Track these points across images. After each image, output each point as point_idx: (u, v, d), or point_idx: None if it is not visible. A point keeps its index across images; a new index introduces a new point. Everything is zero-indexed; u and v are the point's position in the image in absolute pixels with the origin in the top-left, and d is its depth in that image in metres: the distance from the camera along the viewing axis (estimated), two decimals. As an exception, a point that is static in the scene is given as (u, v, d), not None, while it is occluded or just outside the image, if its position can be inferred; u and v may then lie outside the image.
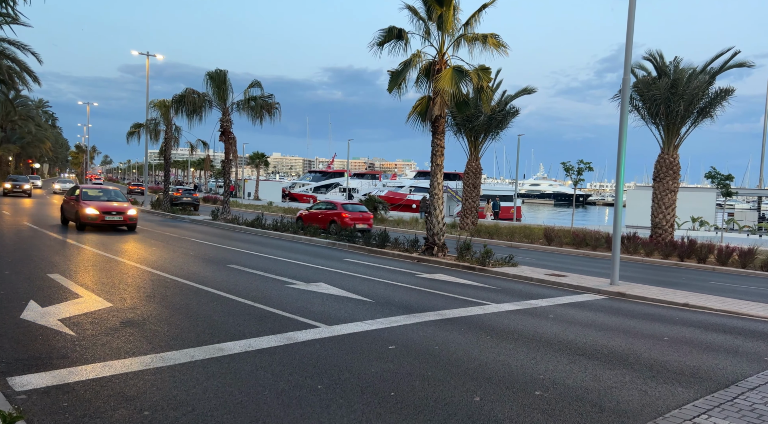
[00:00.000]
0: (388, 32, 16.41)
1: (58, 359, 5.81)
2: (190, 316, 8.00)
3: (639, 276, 14.75)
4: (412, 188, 60.22)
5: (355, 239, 19.26)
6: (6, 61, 39.15)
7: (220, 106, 27.74)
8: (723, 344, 7.74)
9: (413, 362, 6.24)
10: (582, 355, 6.84)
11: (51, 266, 11.88)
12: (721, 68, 20.48)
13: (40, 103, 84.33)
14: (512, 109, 28.06)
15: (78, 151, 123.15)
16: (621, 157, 12.43)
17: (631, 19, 12.21)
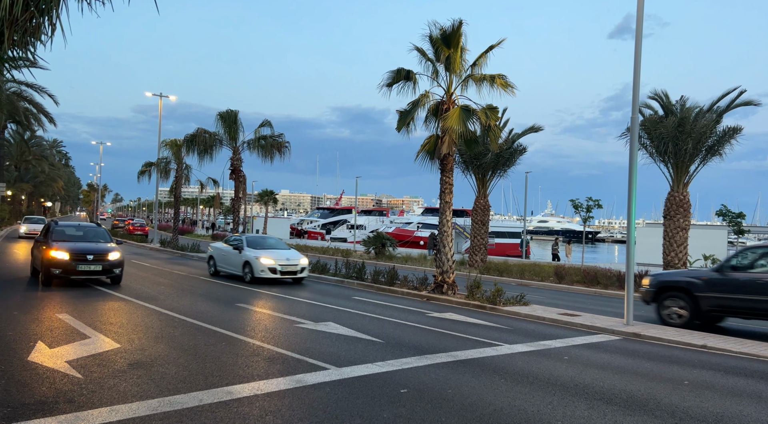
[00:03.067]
0: (396, 73, 16.71)
1: (65, 404, 5.70)
2: (198, 357, 7.88)
3: (653, 316, 14.45)
4: (420, 225, 60.18)
5: (363, 276, 19.14)
6: (23, 103, 40.17)
7: (231, 145, 28.13)
8: (745, 388, 7.49)
9: (426, 407, 6.07)
10: (600, 400, 6.63)
11: (60, 305, 11.83)
12: (728, 107, 20.59)
13: (54, 143, 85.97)
14: (519, 147, 28.23)
15: (89, 190, 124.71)
16: (632, 196, 12.38)
17: (638, 58, 12.37)
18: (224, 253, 19.39)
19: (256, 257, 17.57)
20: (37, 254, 15.54)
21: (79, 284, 15.25)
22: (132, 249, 33.59)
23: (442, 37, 15.89)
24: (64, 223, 17.01)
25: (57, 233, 15.81)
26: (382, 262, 28.11)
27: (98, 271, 14.67)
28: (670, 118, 20.74)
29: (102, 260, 14.80)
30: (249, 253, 17.96)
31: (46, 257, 14.30)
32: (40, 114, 42.35)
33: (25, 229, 39.73)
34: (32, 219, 42.83)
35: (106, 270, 14.86)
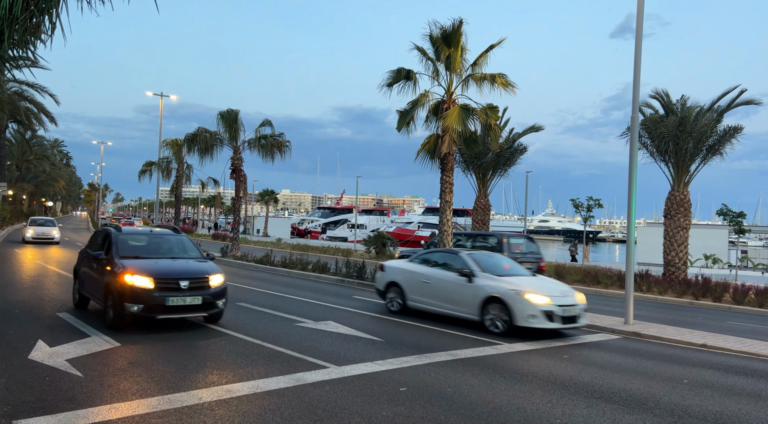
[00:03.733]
0: (397, 73, 16.74)
1: (65, 402, 5.71)
2: (198, 356, 7.89)
3: (653, 315, 14.46)
4: (421, 224, 60.23)
5: (364, 275, 19.14)
6: (24, 102, 40.23)
7: (232, 144, 28.13)
8: (745, 387, 7.49)
9: (425, 406, 6.08)
10: (599, 398, 6.64)
11: (60, 304, 11.85)
12: (728, 106, 20.58)
13: (55, 143, 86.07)
14: (520, 147, 28.22)
15: (91, 189, 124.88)
16: (632, 196, 12.38)
17: (638, 57, 12.37)
18: (428, 279, 11.99)
19: (516, 292, 10.42)
20: (94, 277, 10.40)
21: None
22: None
23: (442, 37, 15.91)
24: (130, 229, 11.85)
25: (124, 246, 10.40)
26: (383, 261, 28.10)
27: (197, 306, 9.52)
28: (671, 117, 20.73)
29: (201, 288, 9.65)
30: (493, 283, 10.83)
31: (118, 285, 9.18)
32: (41, 114, 42.41)
33: (32, 233, 32.01)
34: (39, 220, 34.82)
35: (208, 304, 9.65)
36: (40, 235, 32.01)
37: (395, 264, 13.28)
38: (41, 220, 35.23)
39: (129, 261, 9.78)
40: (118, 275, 9.37)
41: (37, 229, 32.37)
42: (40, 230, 32.35)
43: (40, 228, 32.59)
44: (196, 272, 9.95)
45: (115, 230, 11.11)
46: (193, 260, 10.62)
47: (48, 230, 32.55)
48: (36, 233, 31.94)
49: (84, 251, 11.76)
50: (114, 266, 9.66)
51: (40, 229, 32.42)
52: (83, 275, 11.26)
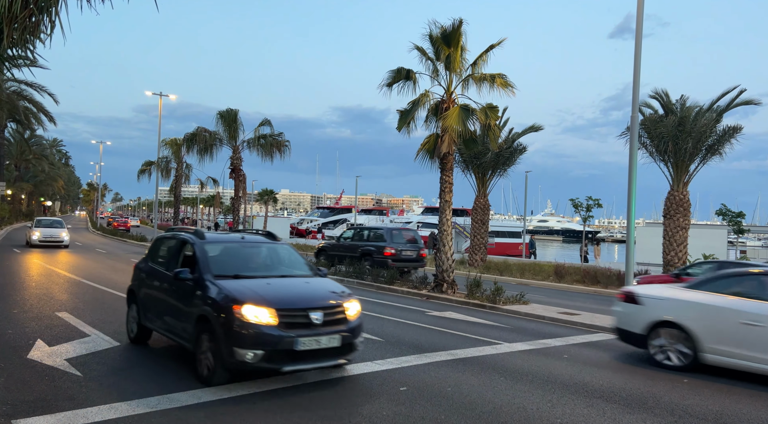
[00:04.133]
0: (396, 73, 16.70)
1: (64, 401, 5.70)
2: (198, 355, 7.87)
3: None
4: (420, 224, 60.13)
5: (363, 275, 19.14)
6: (23, 102, 40.17)
7: (231, 144, 28.12)
8: (744, 387, 7.48)
9: (426, 405, 6.07)
10: (599, 398, 6.63)
11: (59, 304, 11.83)
12: (728, 106, 20.58)
13: (54, 143, 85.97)
14: (519, 147, 28.22)
15: (90, 189, 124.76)
16: (632, 196, 12.38)
17: (638, 57, 12.37)
18: (754, 319, 7.62)
19: None
20: (172, 305, 7.54)
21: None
22: (132, 248, 33.59)
23: (442, 36, 15.88)
24: (215, 235, 8.42)
25: (218, 260, 7.49)
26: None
27: (334, 350, 6.67)
28: (671, 117, 20.73)
29: (337, 322, 6.78)
30: None
31: (221, 319, 6.45)
32: (40, 113, 42.36)
33: (38, 235, 28.66)
34: (46, 221, 31.25)
35: (347, 346, 6.79)
36: (48, 237, 28.75)
37: (666, 293, 8.86)
38: (48, 220, 31.58)
39: (230, 283, 6.77)
40: (219, 304, 6.46)
41: (44, 230, 29.04)
42: (47, 232, 29.00)
43: (47, 230, 29.26)
44: (328, 299, 6.84)
45: (195, 236, 7.84)
46: (310, 279, 7.52)
47: (56, 232, 29.21)
48: (43, 236, 28.65)
49: (145, 265, 8.82)
50: (208, 289, 6.74)
51: (47, 230, 29.12)
52: (147, 299, 8.24)
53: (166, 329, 7.65)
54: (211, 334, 6.48)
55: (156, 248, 9.02)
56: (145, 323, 8.29)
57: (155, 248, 9.06)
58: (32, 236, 28.62)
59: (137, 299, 8.59)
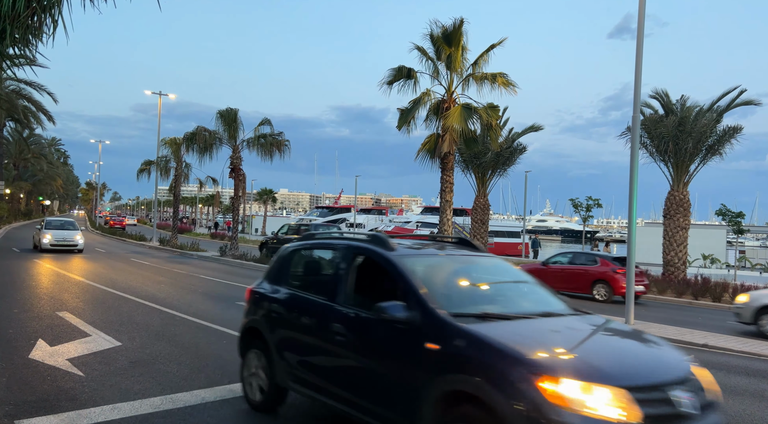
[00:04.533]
0: (397, 71, 16.71)
1: (67, 401, 5.68)
2: (200, 355, 7.86)
3: (653, 315, 14.47)
4: (419, 224, 60.12)
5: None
6: (22, 100, 40.11)
7: (231, 143, 28.10)
8: (747, 387, 7.48)
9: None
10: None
11: (59, 303, 11.80)
12: (728, 106, 20.61)
13: (52, 142, 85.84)
14: (519, 147, 28.25)
15: (88, 188, 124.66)
16: (633, 196, 12.37)
17: (639, 57, 12.35)
18: None
19: None
20: (381, 371, 4.37)
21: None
22: (131, 247, 33.56)
23: (443, 36, 15.90)
24: (408, 248, 5.11)
25: (442, 288, 4.64)
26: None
27: None
28: (671, 117, 20.76)
29: (707, 408, 3.87)
30: None
31: (526, 414, 3.35)
32: (39, 112, 42.30)
33: (50, 238, 25.27)
34: (57, 222, 27.59)
35: None
36: (60, 241, 25.45)
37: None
38: (59, 221, 28.12)
39: (493, 330, 3.97)
40: (500, 373, 3.58)
41: (56, 233, 25.78)
42: (59, 234, 25.75)
43: (59, 232, 25.95)
44: (678, 363, 4.13)
45: (377, 245, 5.03)
46: (584, 318, 4.71)
47: (70, 235, 25.92)
48: (55, 239, 25.35)
49: (274, 290, 5.98)
50: (455, 339, 3.93)
51: (59, 233, 25.86)
52: (292, 346, 5.37)
53: (340, 397, 4.73)
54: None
55: (291, 261, 6.08)
56: (285, 382, 5.36)
57: (289, 261, 6.08)
58: (42, 239, 25.30)
59: (268, 346, 5.62)
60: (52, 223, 27.31)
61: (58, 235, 25.77)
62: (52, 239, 25.35)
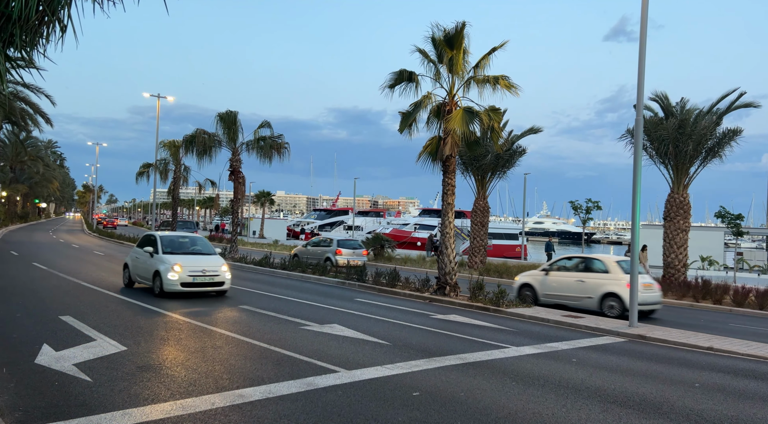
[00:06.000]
0: (399, 75, 16.69)
1: (77, 407, 5.64)
2: (206, 360, 7.82)
3: (656, 317, 14.48)
4: (417, 226, 60.12)
5: (364, 277, 19.09)
6: (19, 103, 39.93)
7: (230, 146, 28.03)
8: (757, 391, 7.49)
9: (440, 411, 6.03)
10: (613, 403, 6.61)
11: (62, 307, 11.74)
12: (728, 109, 20.66)
13: (49, 144, 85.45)
14: (519, 149, 28.26)
15: (85, 191, 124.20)
16: (636, 198, 12.38)
17: (642, 59, 12.38)
18: None
19: None
20: None
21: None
22: (129, 250, 33.39)
23: (445, 39, 15.89)
24: None
25: None
26: (381, 263, 28.09)
27: None
28: (671, 119, 20.79)
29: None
30: None
31: None
32: (36, 114, 42.07)
33: (182, 272, 13.76)
34: (177, 241, 15.44)
35: None
36: (199, 274, 13.98)
37: None
38: (180, 238, 15.79)
39: None
40: None
41: (188, 260, 14.23)
42: (193, 262, 14.25)
43: (191, 259, 14.44)
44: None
45: None
46: None
47: (210, 264, 14.51)
48: (190, 271, 13.88)
49: None
50: None
51: (193, 260, 14.33)
52: None
53: None
54: None
55: None
56: None
57: None
58: (167, 274, 13.64)
59: None
60: (171, 241, 15.09)
61: (192, 263, 14.07)
62: (187, 272, 13.75)
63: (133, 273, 15.41)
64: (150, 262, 14.48)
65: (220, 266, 14.55)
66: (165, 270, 13.75)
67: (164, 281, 13.70)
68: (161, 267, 13.89)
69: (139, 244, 15.84)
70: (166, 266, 13.81)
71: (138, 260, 15.31)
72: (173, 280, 13.68)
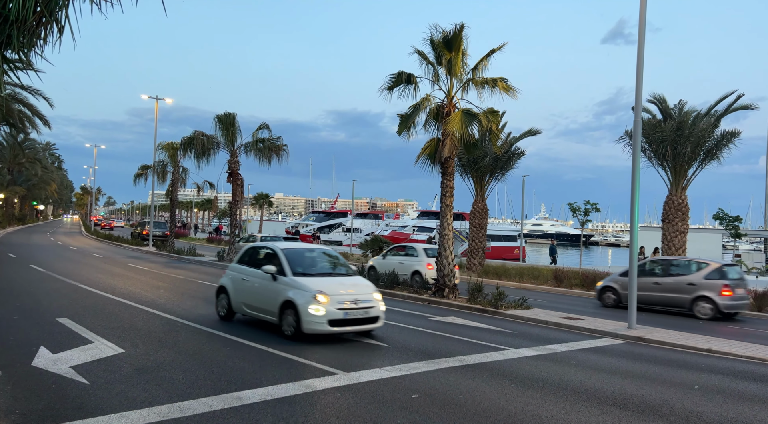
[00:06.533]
0: (397, 77, 16.68)
1: (74, 410, 5.61)
2: (204, 362, 7.79)
3: (654, 319, 14.46)
4: (416, 228, 60.06)
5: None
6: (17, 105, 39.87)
7: (229, 148, 28.00)
8: (756, 393, 7.47)
9: (440, 413, 6.01)
10: (612, 405, 6.59)
11: (59, 310, 11.69)
12: (726, 111, 20.71)
13: (47, 146, 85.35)
14: (517, 151, 28.27)
15: (83, 193, 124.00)
16: (635, 200, 12.38)
17: (640, 61, 12.40)
18: None
19: None
20: None
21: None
22: (128, 252, 33.35)
23: (444, 41, 15.90)
24: None
25: None
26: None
27: None
28: (669, 122, 20.84)
29: None
30: None
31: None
32: (34, 116, 42.02)
33: (329, 304, 9.28)
34: (308, 255, 11.25)
35: None
36: (350, 307, 9.61)
37: None
38: (309, 253, 11.54)
39: None
40: None
41: (331, 287, 9.75)
42: (336, 288, 9.80)
43: (332, 283, 10.03)
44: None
45: None
46: None
47: (357, 291, 10.08)
48: (337, 303, 9.48)
49: None
50: None
51: (334, 286, 9.89)
52: None
53: None
54: None
55: None
56: None
57: None
58: (308, 309, 9.27)
59: None
60: (300, 257, 10.98)
61: (338, 290, 9.84)
62: (335, 305, 9.53)
63: (235, 300, 11.01)
64: (272, 287, 10.03)
65: (371, 293, 10.14)
66: (304, 302, 9.28)
67: (304, 319, 9.19)
68: (297, 297, 9.42)
69: (243, 258, 11.62)
70: (305, 296, 9.35)
71: (247, 283, 10.79)
72: (318, 316, 9.19)
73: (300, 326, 9.33)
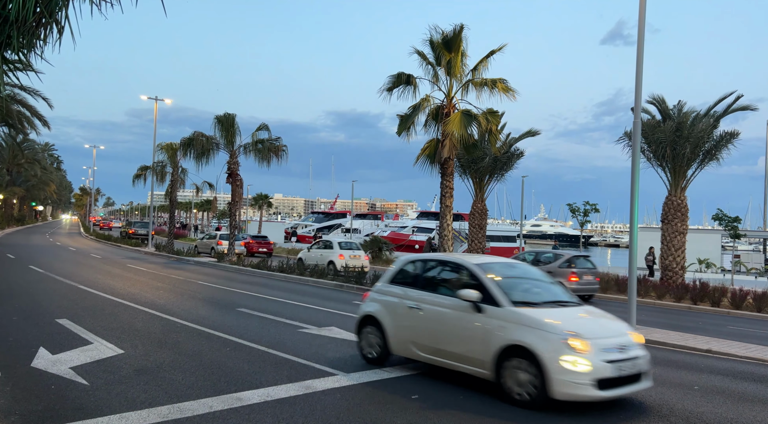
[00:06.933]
0: (397, 78, 16.73)
1: (74, 411, 5.60)
2: (204, 363, 7.78)
3: (653, 320, 14.49)
4: (415, 229, 60.06)
5: (363, 280, 19.06)
6: (16, 105, 39.84)
7: (228, 149, 28.00)
8: (756, 394, 7.47)
9: (439, 414, 6.01)
10: (611, 405, 6.58)
11: (58, 310, 11.68)
12: (725, 111, 20.74)
13: (46, 147, 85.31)
14: (517, 151, 28.29)
15: (82, 193, 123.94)
16: (634, 201, 12.38)
17: (640, 65, 12.40)
18: None
19: None
20: None
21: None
22: (127, 253, 33.34)
23: (443, 42, 15.94)
24: None
25: None
26: (380, 266, 28.05)
27: None
28: (668, 122, 20.86)
29: None
30: None
31: None
32: (33, 117, 41.99)
33: None
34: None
35: None
36: (620, 358, 6.26)
37: None
38: (513, 271, 7.89)
39: None
40: None
41: (583, 327, 6.46)
42: (590, 329, 6.50)
43: (578, 320, 6.72)
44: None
45: None
46: None
47: (615, 333, 6.72)
48: (606, 354, 6.19)
49: None
50: None
51: (587, 326, 6.58)
52: None
53: None
54: None
55: None
56: None
57: None
58: (560, 362, 6.07)
59: None
60: (511, 280, 7.51)
61: (594, 332, 6.55)
62: (601, 355, 6.18)
63: (397, 337, 7.80)
64: (475, 323, 6.88)
65: (626, 332, 6.94)
66: (552, 351, 6.17)
67: (554, 377, 6.06)
68: (535, 342, 6.29)
69: (400, 277, 8.35)
70: (550, 340, 6.24)
71: (420, 314, 7.55)
72: (577, 374, 6.03)
73: (547, 387, 6.07)
